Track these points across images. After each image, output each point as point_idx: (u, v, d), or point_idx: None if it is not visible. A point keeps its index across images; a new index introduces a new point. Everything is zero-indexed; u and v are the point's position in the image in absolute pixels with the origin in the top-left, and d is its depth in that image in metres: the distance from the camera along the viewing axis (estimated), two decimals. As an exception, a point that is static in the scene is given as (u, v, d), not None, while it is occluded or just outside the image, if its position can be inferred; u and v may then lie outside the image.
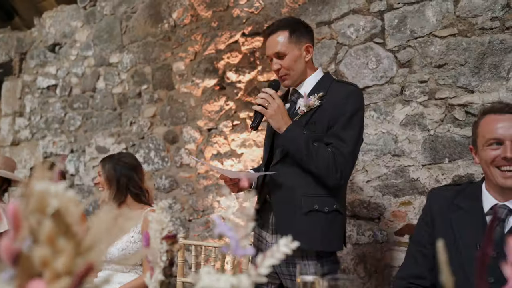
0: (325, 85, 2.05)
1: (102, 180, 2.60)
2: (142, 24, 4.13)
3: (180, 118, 3.79)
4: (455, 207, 1.67)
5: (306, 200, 1.95)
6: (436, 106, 2.56)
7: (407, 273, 1.74)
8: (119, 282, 2.44)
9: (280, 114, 1.96)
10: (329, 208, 1.96)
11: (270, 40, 2.09)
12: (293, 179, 1.99)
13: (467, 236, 1.58)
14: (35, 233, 0.57)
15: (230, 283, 0.70)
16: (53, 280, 0.55)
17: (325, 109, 1.98)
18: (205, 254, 2.39)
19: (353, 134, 1.95)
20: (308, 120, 2.00)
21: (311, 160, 1.91)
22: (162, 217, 0.98)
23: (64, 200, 0.58)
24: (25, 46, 5.22)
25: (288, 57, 2.04)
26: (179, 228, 3.68)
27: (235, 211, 0.77)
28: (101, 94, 4.40)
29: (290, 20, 2.21)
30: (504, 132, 1.56)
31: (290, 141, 1.95)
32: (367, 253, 2.73)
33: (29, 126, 5.06)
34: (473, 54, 2.47)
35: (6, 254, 0.56)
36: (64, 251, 0.56)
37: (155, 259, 0.97)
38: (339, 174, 1.92)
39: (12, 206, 0.57)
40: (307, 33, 2.12)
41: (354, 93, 2.02)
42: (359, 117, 1.99)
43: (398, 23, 2.72)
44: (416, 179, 2.59)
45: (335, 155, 1.91)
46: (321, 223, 1.95)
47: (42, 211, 0.57)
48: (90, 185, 4.41)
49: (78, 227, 0.59)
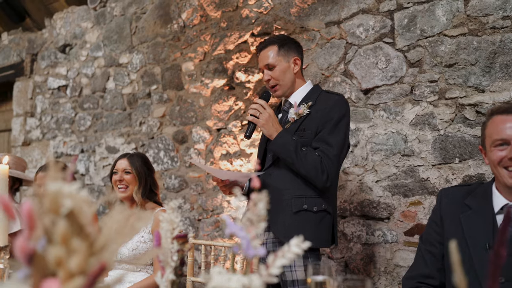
0: (314, 95, 2.24)
1: (129, 177, 2.58)
2: (152, 25, 4.15)
3: (190, 118, 3.81)
4: (465, 207, 1.67)
5: (295, 201, 2.12)
6: (446, 105, 2.55)
7: (416, 273, 1.75)
8: (130, 281, 2.46)
9: (271, 122, 2.15)
10: (318, 208, 2.12)
11: (261, 54, 2.31)
12: (284, 181, 2.16)
13: (476, 236, 1.57)
14: (49, 233, 0.57)
15: (241, 283, 0.70)
16: (67, 279, 0.56)
17: (313, 117, 2.17)
18: (214, 253, 2.40)
19: (338, 139, 2.12)
20: (298, 127, 2.18)
21: (300, 163, 2.08)
22: (173, 217, 0.99)
23: (78, 201, 0.58)
24: (36, 47, 5.26)
25: (277, 68, 2.25)
26: (188, 227, 3.69)
27: (245, 211, 0.78)
28: (111, 94, 4.43)
29: (279, 36, 2.45)
30: (510, 132, 1.56)
31: (281, 147, 2.11)
32: (376, 253, 2.73)
33: (40, 126, 5.11)
34: (484, 54, 2.45)
35: (21, 254, 0.56)
36: (77, 251, 0.57)
37: (166, 258, 0.97)
38: (326, 176, 2.07)
39: (27, 206, 0.58)
40: (295, 47, 2.33)
41: (339, 101, 2.19)
42: (344, 123, 2.16)
43: (408, 23, 2.71)
44: (426, 179, 2.58)
45: (322, 158, 2.08)
46: (310, 222, 2.12)
47: (56, 211, 0.58)
48: (100, 185, 4.44)
49: (91, 227, 0.59)
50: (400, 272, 2.62)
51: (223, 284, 0.71)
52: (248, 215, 0.77)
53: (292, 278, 2.12)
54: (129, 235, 0.66)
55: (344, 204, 2.87)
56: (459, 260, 0.65)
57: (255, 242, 0.76)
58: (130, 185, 2.57)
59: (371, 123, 2.81)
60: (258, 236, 0.76)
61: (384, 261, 2.70)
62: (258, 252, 0.75)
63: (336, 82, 2.97)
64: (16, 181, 3.00)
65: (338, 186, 2.89)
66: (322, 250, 2.94)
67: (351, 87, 2.91)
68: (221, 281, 0.71)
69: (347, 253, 2.84)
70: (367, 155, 2.81)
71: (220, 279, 0.72)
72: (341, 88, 2.95)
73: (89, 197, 0.61)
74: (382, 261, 2.70)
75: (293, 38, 2.41)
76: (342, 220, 2.88)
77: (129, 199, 2.61)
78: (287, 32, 3.24)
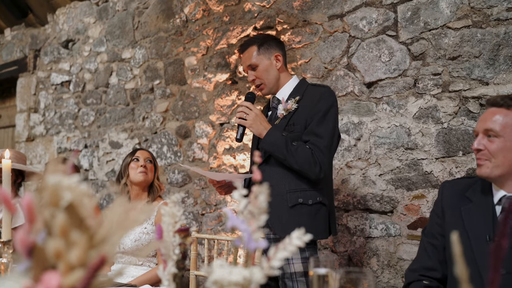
0: (301, 90, 2.28)
1: (151, 165, 2.74)
2: (154, 20, 4.14)
3: (192, 113, 3.81)
4: (466, 199, 1.69)
5: (290, 195, 2.14)
6: (450, 98, 2.53)
7: (418, 265, 1.76)
8: (132, 275, 2.47)
9: (259, 121, 2.18)
10: (313, 201, 2.15)
11: (243, 56, 2.37)
12: (277, 177, 2.18)
13: (477, 228, 1.59)
14: (49, 226, 0.57)
15: (242, 276, 0.70)
16: (67, 272, 0.56)
17: (302, 111, 2.20)
18: (218, 247, 2.41)
19: (327, 129, 2.14)
20: (288, 122, 2.22)
21: (292, 158, 2.10)
22: (174, 211, 0.99)
23: (77, 193, 0.58)
24: (39, 42, 5.26)
25: (260, 67, 2.30)
26: (192, 222, 3.70)
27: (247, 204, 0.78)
28: (114, 89, 4.43)
29: (258, 36, 2.51)
30: (479, 124, 1.62)
31: (271, 144, 2.15)
32: (380, 246, 2.72)
33: (44, 122, 5.12)
34: (488, 46, 2.43)
35: (22, 247, 0.57)
36: (77, 243, 0.57)
37: (168, 252, 0.97)
38: (319, 168, 2.09)
39: (26, 199, 0.58)
40: (275, 44, 2.36)
41: (326, 93, 2.21)
42: (332, 113, 2.17)
43: (411, 15, 2.69)
44: (429, 172, 2.57)
45: (313, 151, 2.10)
46: (306, 215, 2.14)
47: (56, 204, 0.58)
48: (104, 180, 4.45)
49: (91, 220, 0.59)
50: (403, 265, 2.62)
51: (225, 277, 0.71)
52: (249, 208, 0.77)
53: (290, 271, 2.13)
54: (130, 227, 0.65)
55: (348, 198, 2.87)
56: (460, 252, 0.64)
57: (256, 235, 0.76)
58: (149, 173, 2.70)
59: (374, 117, 2.80)
60: (259, 229, 0.76)
61: (388, 254, 2.69)
62: (260, 244, 0.75)
63: (339, 75, 2.96)
64: (18, 175, 3.01)
65: (341, 179, 2.89)
66: (325, 243, 2.94)
67: (354, 80, 2.90)
68: (222, 274, 0.72)
69: (350, 247, 2.84)
70: (370, 148, 2.80)
71: (222, 272, 0.72)
72: (344, 81, 2.94)
73: (89, 190, 0.61)
74: (386, 254, 2.70)
75: (273, 35, 2.49)
76: (345, 214, 2.87)
77: (142, 186, 2.69)
78: (290, 26, 3.22)
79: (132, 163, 2.71)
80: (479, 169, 1.60)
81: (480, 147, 1.58)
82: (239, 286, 0.71)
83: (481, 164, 1.59)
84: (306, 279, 2.13)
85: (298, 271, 2.12)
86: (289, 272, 2.13)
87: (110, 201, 4.37)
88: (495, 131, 1.56)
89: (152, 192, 2.72)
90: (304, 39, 3.15)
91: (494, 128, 1.56)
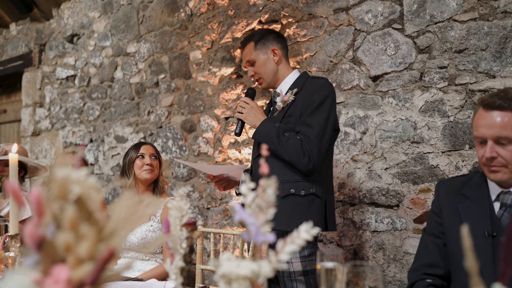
0: (301, 82, 2.28)
1: (156, 161, 2.73)
2: (159, 14, 4.13)
3: (198, 107, 3.80)
4: (462, 196, 1.68)
5: (283, 186, 2.13)
6: (456, 92, 2.52)
7: (419, 264, 1.75)
8: (139, 269, 2.48)
9: (254, 113, 2.23)
10: (305, 192, 2.13)
11: (243, 52, 2.41)
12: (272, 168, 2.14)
13: (475, 224, 1.57)
14: (58, 219, 0.57)
15: (250, 269, 0.70)
16: (76, 265, 0.56)
17: (298, 103, 2.22)
18: (223, 242, 2.41)
19: (320, 119, 2.13)
20: (285, 114, 2.23)
21: (283, 149, 2.11)
22: (181, 204, 0.99)
23: (86, 186, 0.58)
24: (44, 37, 5.27)
25: (258, 62, 2.33)
26: (197, 216, 3.71)
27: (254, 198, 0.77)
28: (119, 84, 4.43)
29: (256, 31, 2.51)
30: (486, 131, 1.54)
31: (263, 136, 2.18)
32: (385, 240, 2.72)
33: (49, 117, 5.13)
34: (495, 39, 2.41)
35: (31, 240, 0.57)
36: (86, 236, 0.57)
37: (175, 246, 0.98)
38: (307, 158, 2.08)
39: (35, 193, 0.58)
40: (273, 38, 2.37)
41: (322, 85, 2.21)
42: (326, 104, 2.16)
43: (417, 8, 2.67)
44: (435, 166, 2.56)
45: (302, 141, 2.10)
46: (298, 206, 2.12)
47: (65, 197, 0.58)
48: (109, 174, 4.46)
49: (100, 213, 0.59)
50: (409, 259, 2.62)
51: (232, 270, 0.71)
52: (257, 201, 0.77)
53: (289, 270, 2.10)
54: (138, 221, 0.65)
55: (353, 192, 2.86)
56: (470, 246, 0.64)
57: (264, 228, 0.75)
58: (155, 169, 2.70)
59: (380, 110, 2.79)
60: (267, 222, 0.76)
61: (394, 248, 2.69)
62: (267, 238, 0.75)
63: (345, 69, 2.95)
64: (21, 169, 3.03)
65: (347, 173, 2.88)
66: (331, 237, 2.94)
67: (360, 74, 2.88)
68: (230, 267, 0.71)
69: (356, 241, 2.84)
70: (376, 142, 2.79)
71: (229, 266, 0.72)
72: (349, 75, 2.92)
73: (97, 184, 0.61)
74: (392, 248, 2.70)
75: (272, 30, 2.53)
76: (351, 208, 2.87)
77: (148, 183, 2.69)
78: (295, 19, 3.21)
79: (137, 160, 2.68)
80: (494, 175, 1.56)
81: (494, 155, 1.53)
82: (247, 280, 0.71)
83: (497, 171, 1.55)
84: (305, 278, 2.09)
85: (297, 270, 2.09)
86: (288, 271, 2.10)
87: (115, 195, 4.39)
88: (509, 138, 1.51)
89: (157, 188, 2.72)
90: (309, 32, 3.14)
91: (509, 135, 1.50)
